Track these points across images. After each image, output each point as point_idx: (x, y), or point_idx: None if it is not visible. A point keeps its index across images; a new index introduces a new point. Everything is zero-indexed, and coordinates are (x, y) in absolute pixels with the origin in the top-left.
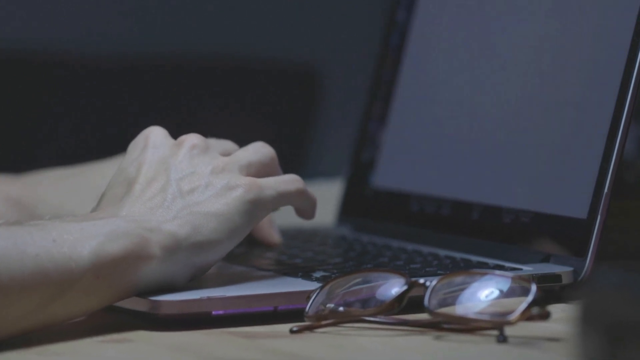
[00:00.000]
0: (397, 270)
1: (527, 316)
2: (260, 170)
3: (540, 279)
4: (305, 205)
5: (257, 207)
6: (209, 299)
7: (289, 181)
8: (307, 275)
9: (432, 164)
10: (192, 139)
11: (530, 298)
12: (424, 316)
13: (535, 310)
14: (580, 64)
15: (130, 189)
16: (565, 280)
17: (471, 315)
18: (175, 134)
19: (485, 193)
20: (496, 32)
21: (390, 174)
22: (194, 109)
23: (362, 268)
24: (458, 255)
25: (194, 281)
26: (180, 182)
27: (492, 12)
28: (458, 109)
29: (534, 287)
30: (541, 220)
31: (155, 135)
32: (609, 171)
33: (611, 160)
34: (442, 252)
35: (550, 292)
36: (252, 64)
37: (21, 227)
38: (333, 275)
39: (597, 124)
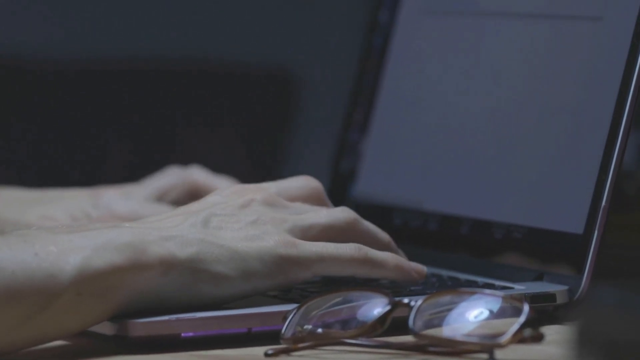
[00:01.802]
0: (380, 289)
1: (519, 338)
2: (326, 236)
3: (533, 298)
4: (375, 275)
5: (288, 263)
6: (178, 319)
7: (343, 247)
8: (283, 294)
9: (418, 175)
10: (256, 194)
11: (522, 319)
12: (408, 338)
13: (527, 332)
14: (576, 68)
15: (162, 213)
16: (560, 299)
17: (459, 338)
18: (137, 141)
19: (474, 206)
20: (487, 34)
21: (373, 185)
22: (159, 117)
23: (342, 287)
24: (445, 273)
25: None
26: (212, 217)
27: (483, 13)
28: (446, 116)
29: (526, 307)
30: (534, 235)
31: (234, 190)
32: (607, 182)
33: (609, 171)
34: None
35: (544, 313)
36: (221, 68)
37: (2, 238)
38: (311, 295)
39: (594, 132)
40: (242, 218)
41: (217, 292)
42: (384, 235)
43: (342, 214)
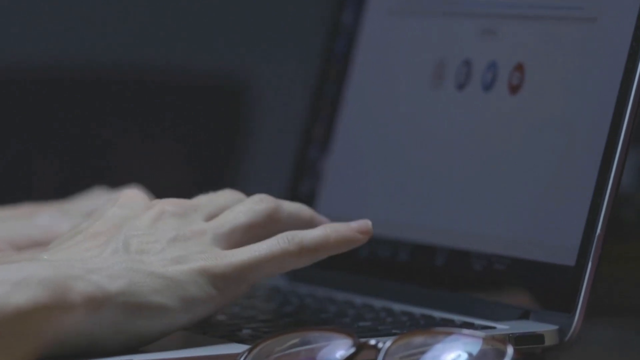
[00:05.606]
0: (343, 329)
1: None
2: (250, 235)
3: (518, 339)
4: (320, 258)
5: (222, 280)
6: None
7: (273, 244)
8: (232, 334)
9: (386, 198)
10: (164, 204)
11: None
12: None
13: None
14: (567, 77)
15: (70, 238)
16: (549, 341)
17: None
18: (71, 156)
19: (451, 234)
20: (466, 37)
21: (335, 210)
22: (97, 130)
23: (300, 326)
24: (417, 310)
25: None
26: (130, 239)
27: (462, 14)
28: (418, 131)
29: (510, 350)
30: (519, 267)
31: (127, 196)
32: (602, 208)
33: (605, 194)
34: (398, 307)
35: (531, 356)
36: (164, 77)
37: None
38: (264, 335)
39: (587, 149)
40: (161, 236)
41: (156, 326)
42: (305, 212)
43: (260, 205)
